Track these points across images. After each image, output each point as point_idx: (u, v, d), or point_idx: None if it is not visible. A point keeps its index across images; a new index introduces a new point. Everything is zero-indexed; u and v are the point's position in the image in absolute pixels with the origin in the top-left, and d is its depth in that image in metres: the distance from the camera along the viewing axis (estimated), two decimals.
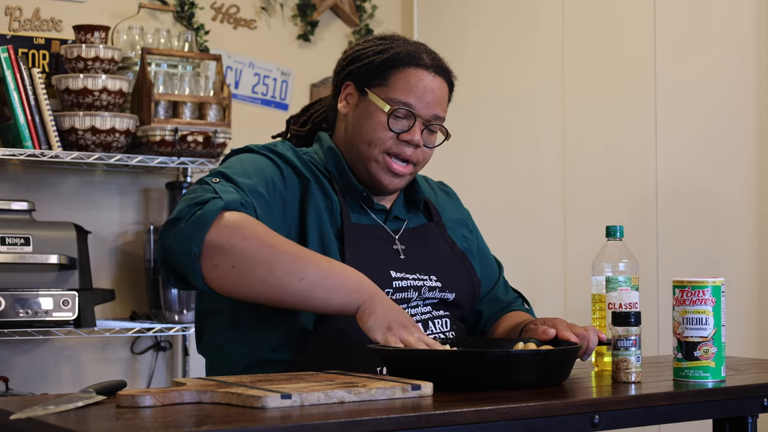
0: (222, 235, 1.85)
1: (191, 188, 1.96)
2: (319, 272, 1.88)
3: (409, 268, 2.12)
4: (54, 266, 3.53)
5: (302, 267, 1.86)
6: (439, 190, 2.36)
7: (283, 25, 4.33)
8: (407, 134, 2.10)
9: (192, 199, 1.90)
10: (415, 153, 2.12)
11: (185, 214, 1.88)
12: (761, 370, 2.16)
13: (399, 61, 2.13)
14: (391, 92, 2.11)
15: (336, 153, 2.16)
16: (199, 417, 1.49)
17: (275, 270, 1.86)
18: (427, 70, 2.14)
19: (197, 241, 1.85)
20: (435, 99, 2.14)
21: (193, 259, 1.86)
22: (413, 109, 2.11)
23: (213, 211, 1.86)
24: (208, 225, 1.85)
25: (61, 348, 3.85)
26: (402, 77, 2.12)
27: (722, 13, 3.44)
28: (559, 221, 3.88)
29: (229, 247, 1.85)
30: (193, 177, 4.01)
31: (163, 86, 3.79)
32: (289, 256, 1.87)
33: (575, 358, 1.90)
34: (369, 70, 2.14)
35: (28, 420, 1.48)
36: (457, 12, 4.34)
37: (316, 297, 1.87)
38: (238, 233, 1.86)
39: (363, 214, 2.14)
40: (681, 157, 3.51)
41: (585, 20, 3.86)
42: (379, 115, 2.11)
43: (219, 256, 1.85)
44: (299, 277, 1.86)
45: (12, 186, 3.78)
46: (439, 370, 1.74)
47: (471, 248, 2.29)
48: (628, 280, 2.04)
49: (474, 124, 4.24)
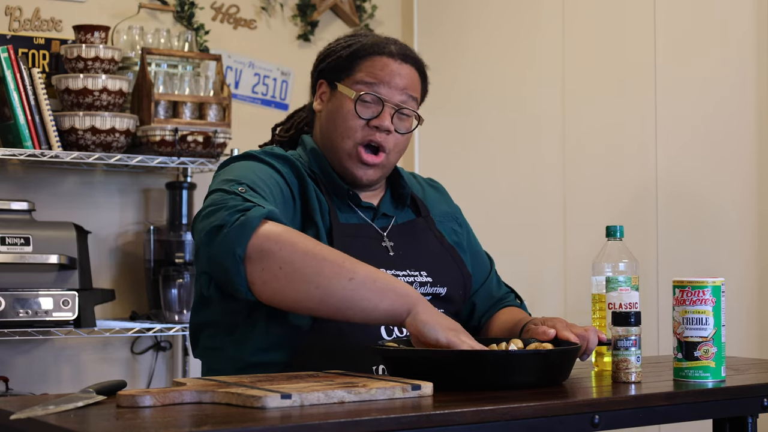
0: (270, 238, 1.85)
1: (216, 198, 1.93)
2: (369, 273, 1.86)
3: (399, 264, 2.13)
4: (54, 266, 3.53)
5: (351, 268, 1.84)
6: (427, 185, 2.36)
7: (283, 25, 4.33)
8: (377, 120, 2.12)
9: (232, 207, 1.88)
10: (386, 139, 2.13)
11: (228, 220, 1.86)
12: (761, 370, 2.16)
13: (365, 51, 2.16)
14: (357, 78, 2.14)
15: (318, 154, 2.17)
16: (199, 417, 1.49)
17: (324, 269, 1.84)
18: (393, 57, 2.15)
19: (242, 244, 1.84)
20: (403, 83, 2.14)
21: (238, 262, 1.84)
22: (380, 94, 2.12)
23: (257, 217, 1.85)
24: (253, 228, 1.84)
25: (61, 348, 3.85)
26: (368, 64, 2.14)
27: (722, 14, 3.44)
28: (559, 221, 3.88)
29: (277, 249, 1.84)
30: (193, 177, 4.01)
31: (163, 86, 3.79)
32: (338, 259, 1.85)
33: (575, 358, 1.90)
34: (337, 64, 2.17)
35: (28, 420, 1.48)
36: (457, 12, 4.34)
37: (366, 297, 1.84)
38: (285, 237, 1.85)
39: (350, 213, 2.15)
40: (681, 157, 3.51)
41: (585, 20, 3.86)
42: (348, 104, 2.13)
43: (265, 259, 1.84)
44: (348, 276, 1.84)
45: (12, 186, 3.78)
46: (440, 370, 1.74)
47: (461, 242, 2.29)
48: (628, 280, 2.04)
49: (474, 124, 4.24)
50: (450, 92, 4.35)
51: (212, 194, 1.98)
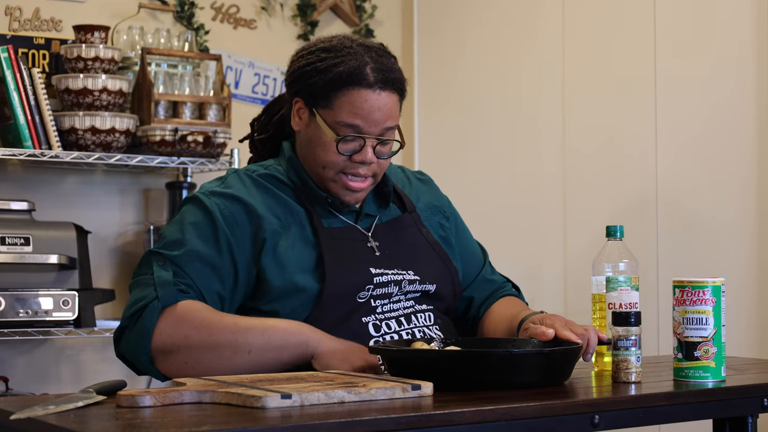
0: (165, 339, 1.98)
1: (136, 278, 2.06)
2: (261, 338, 1.97)
3: (385, 264, 2.13)
4: (54, 266, 3.53)
5: (244, 340, 1.96)
6: (414, 178, 2.35)
7: (283, 25, 4.33)
8: (358, 155, 2.10)
9: (133, 303, 2.01)
10: (370, 168, 2.12)
11: (129, 322, 2.00)
12: (761, 370, 2.16)
13: (342, 82, 2.08)
14: (337, 116, 2.08)
15: (296, 163, 2.17)
16: (199, 417, 1.49)
17: (224, 353, 1.96)
18: (371, 88, 2.08)
19: (144, 352, 1.98)
20: (383, 116, 2.09)
21: (147, 365, 2.00)
22: (361, 132, 2.08)
23: (151, 318, 1.97)
24: (150, 334, 1.97)
25: (61, 348, 3.85)
26: (346, 100, 2.07)
27: (722, 14, 3.44)
28: (559, 221, 3.88)
29: (175, 348, 1.98)
30: (193, 177, 4.01)
31: (163, 86, 3.79)
32: (230, 338, 1.96)
33: (577, 358, 1.90)
34: (314, 91, 2.11)
35: (28, 420, 1.48)
36: (457, 12, 4.34)
37: (270, 358, 1.97)
38: (180, 332, 1.97)
39: (333, 217, 2.15)
40: (681, 157, 3.51)
41: (585, 21, 3.86)
42: (328, 140, 2.10)
43: (169, 358, 1.98)
44: (246, 350, 1.96)
45: (12, 186, 3.78)
46: (441, 370, 1.74)
47: (448, 236, 2.28)
48: (628, 280, 2.04)
49: (474, 124, 4.24)
50: (450, 92, 4.35)
51: (147, 253, 2.08)
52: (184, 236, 2.06)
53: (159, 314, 1.97)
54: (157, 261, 2.04)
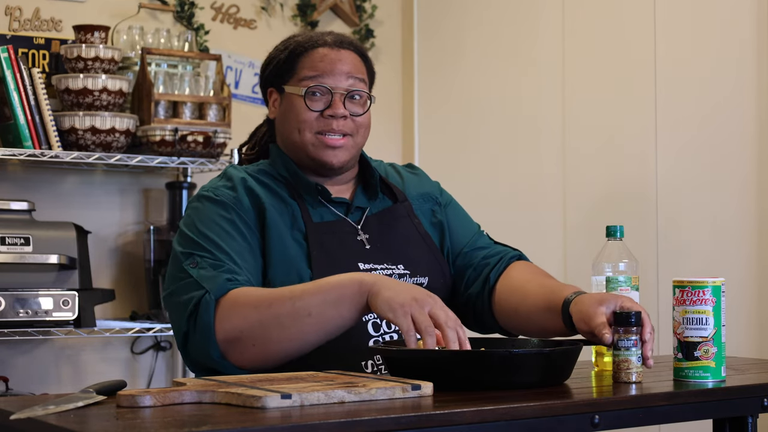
0: (227, 328, 1.93)
1: (174, 287, 2.02)
2: (317, 298, 1.91)
3: (376, 257, 2.14)
4: (54, 266, 3.53)
5: (301, 304, 1.91)
6: (405, 171, 2.36)
7: (283, 25, 4.33)
8: (329, 109, 2.16)
9: (185, 306, 1.97)
10: (345, 124, 2.16)
11: (189, 327, 1.97)
12: (761, 370, 2.16)
13: (301, 48, 2.21)
14: (300, 75, 2.18)
15: (283, 156, 2.21)
16: (199, 417, 1.49)
17: (285, 322, 1.91)
18: (329, 46, 2.20)
19: (213, 347, 1.94)
20: (346, 68, 2.18)
21: (219, 361, 1.95)
22: (326, 83, 2.16)
23: (208, 312, 1.94)
24: (211, 327, 1.94)
25: (61, 348, 3.85)
26: (307, 60, 2.19)
27: (722, 14, 3.44)
28: (559, 221, 3.88)
29: (239, 333, 1.93)
30: (193, 177, 4.01)
31: (163, 86, 3.79)
32: (287, 305, 1.91)
33: (577, 358, 1.90)
34: (279, 68, 2.23)
35: (28, 420, 1.48)
36: (457, 13, 4.34)
37: (332, 318, 1.90)
38: (239, 317, 1.93)
39: (324, 211, 2.17)
40: (681, 157, 3.51)
41: (585, 21, 3.86)
42: (298, 101, 2.17)
43: (238, 346, 1.93)
44: (306, 313, 1.90)
45: (12, 186, 3.78)
46: (441, 370, 1.74)
47: (441, 220, 2.28)
48: (628, 280, 2.04)
49: (474, 124, 4.24)
50: (450, 93, 4.35)
51: (172, 264, 2.06)
52: (204, 232, 2.06)
53: (214, 307, 1.95)
54: (189, 265, 2.02)
